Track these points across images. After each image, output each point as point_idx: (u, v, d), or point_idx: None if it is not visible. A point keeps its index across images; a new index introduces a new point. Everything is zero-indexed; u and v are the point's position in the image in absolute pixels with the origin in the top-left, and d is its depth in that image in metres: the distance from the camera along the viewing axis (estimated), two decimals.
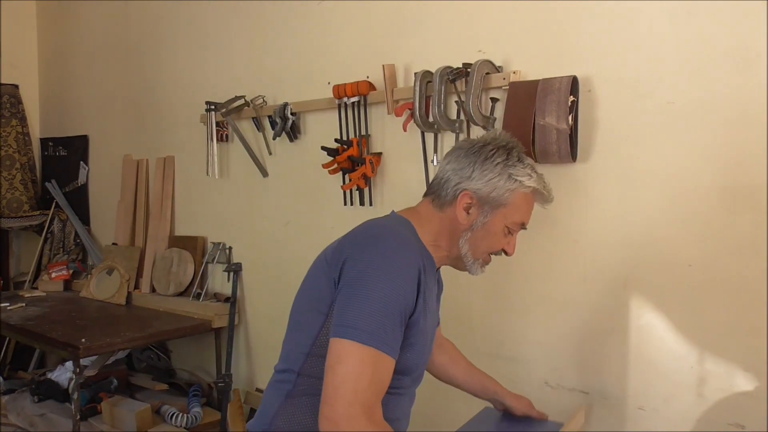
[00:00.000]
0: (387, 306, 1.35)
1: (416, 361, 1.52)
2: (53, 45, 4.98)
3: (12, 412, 3.56)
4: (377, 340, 1.32)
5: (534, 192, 1.58)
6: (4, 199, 4.72)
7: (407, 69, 2.72)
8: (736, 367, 1.98)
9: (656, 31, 2.07)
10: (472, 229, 1.57)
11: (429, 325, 1.56)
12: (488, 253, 1.62)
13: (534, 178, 1.56)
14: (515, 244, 1.64)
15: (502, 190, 1.54)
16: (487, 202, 1.55)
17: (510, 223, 1.58)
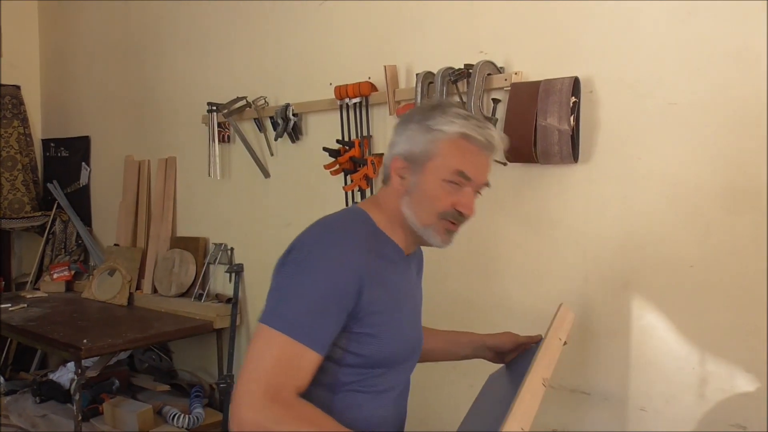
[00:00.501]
0: (315, 299, 1.34)
1: (387, 354, 1.45)
2: (55, 46, 4.99)
3: (14, 412, 3.57)
4: (294, 330, 1.31)
5: (463, 136, 1.43)
6: (6, 200, 4.73)
7: (409, 70, 2.73)
8: (737, 367, 1.98)
9: (657, 32, 2.07)
10: (409, 193, 1.47)
11: (406, 315, 1.52)
12: (436, 215, 1.46)
13: (457, 123, 1.44)
14: (471, 202, 1.47)
15: (423, 143, 1.45)
16: (413, 161, 1.46)
17: (445, 175, 1.44)
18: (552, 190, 2.33)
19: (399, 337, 1.48)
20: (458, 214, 1.46)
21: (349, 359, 1.42)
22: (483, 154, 1.47)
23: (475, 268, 2.55)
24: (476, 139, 1.44)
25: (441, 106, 1.49)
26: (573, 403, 2.32)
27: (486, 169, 1.50)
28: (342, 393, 1.44)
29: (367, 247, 1.43)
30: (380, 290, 1.41)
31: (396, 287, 1.48)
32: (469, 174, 1.45)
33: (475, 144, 1.45)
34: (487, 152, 1.48)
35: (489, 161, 1.50)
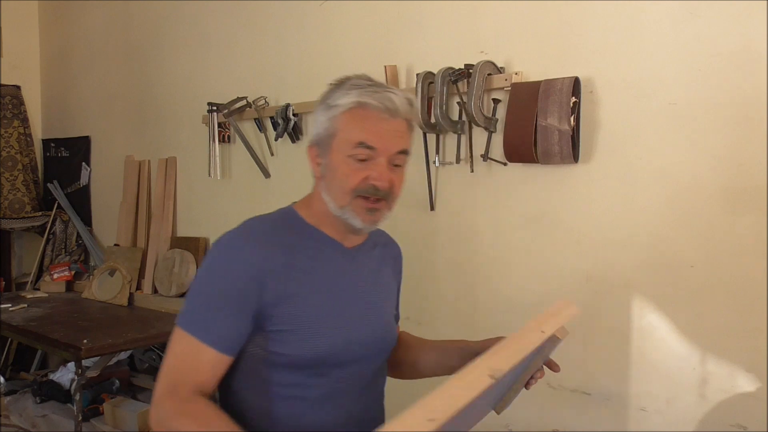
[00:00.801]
0: (210, 296, 1.35)
1: (317, 352, 1.37)
2: (55, 46, 4.99)
3: (14, 412, 3.57)
4: (190, 326, 1.33)
5: (358, 105, 1.35)
6: (6, 200, 4.73)
7: (409, 70, 2.73)
8: (737, 368, 1.98)
9: (658, 32, 2.08)
10: (323, 178, 1.42)
11: (345, 311, 1.43)
12: (349, 193, 1.36)
13: (352, 93, 1.36)
14: (383, 173, 1.35)
15: (324, 122, 1.40)
16: (320, 143, 1.41)
17: (348, 150, 1.36)
18: (552, 190, 2.33)
19: (331, 335, 1.39)
20: (373, 188, 1.36)
21: (274, 359, 1.37)
22: (386, 120, 1.36)
23: (476, 269, 2.55)
24: (373, 105, 1.35)
25: (341, 82, 1.42)
26: (574, 402, 2.32)
27: (394, 135, 1.37)
28: (280, 401, 1.39)
29: (272, 243, 1.38)
30: (294, 286, 1.36)
31: (325, 282, 1.42)
32: (372, 143, 1.35)
33: (373, 110, 1.35)
34: (390, 117, 1.36)
35: (398, 126, 1.38)
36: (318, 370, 1.39)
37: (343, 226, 1.43)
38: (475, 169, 2.51)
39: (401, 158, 1.40)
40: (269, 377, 1.39)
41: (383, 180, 1.36)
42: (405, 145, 1.39)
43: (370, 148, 1.35)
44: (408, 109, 1.39)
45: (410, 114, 1.40)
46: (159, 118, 4.08)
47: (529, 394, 2.41)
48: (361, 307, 1.47)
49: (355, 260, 1.49)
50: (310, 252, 1.42)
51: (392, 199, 1.40)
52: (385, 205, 1.39)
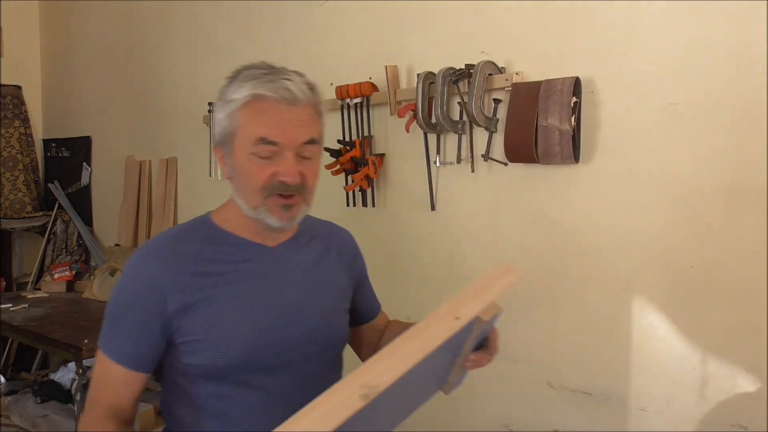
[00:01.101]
0: (115, 313, 1.34)
1: (234, 358, 1.30)
2: (56, 46, 4.99)
3: (15, 413, 3.57)
4: (102, 344, 1.34)
5: (254, 98, 1.27)
6: (7, 200, 4.73)
7: (410, 70, 2.73)
8: (738, 368, 1.98)
9: (659, 33, 2.08)
10: (232, 179, 1.34)
11: (266, 314, 1.35)
12: (259, 192, 1.29)
13: (246, 85, 1.28)
14: (290, 168, 1.28)
15: (223, 120, 1.31)
16: (224, 143, 1.33)
17: (249, 147, 1.28)
18: (553, 191, 2.33)
19: (246, 340, 1.32)
20: (283, 184, 1.28)
21: (190, 371, 1.32)
22: (286, 111, 1.27)
23: (476, 269, 2.55)
24: (269, 96, 1.26)
25: (236, 73, 1.33)
26: (574, 402, 2.32)
27: (298, 125, 1.29)
28: (208, 417, 1.33)
29: (174, 254, 1.33)
30: (202, 294, 1.31)
31: (240, 286, 1.35)
32: (274, 138, 1.26)
33: (270, 101, 1.26)
34: (290, 106, 1.27)
35: (300, 115, 1.29)
36: (240, 379, 1.32)
37: (261, 225, 1.36)
38: (475, 169, 2.51)
39: (310, 148, 1.32)
40: (192, 391, 1.34)
41: (292, 175, 1.28)
42: (311, 134, 1.31)
43: (272, 144, 1.27)
44: (309, 95, 1.31)
45: (313, 99, 1.32)
46: (160, 118, 4.08)
47: (530, 395, 2.43)
48: (285, 307, 1.38)
49: (279, 259, 1.42)
50: (223, 257, 1.36)
51: (307, 192, 1.33)
52: (301, 200, 1.32)
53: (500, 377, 2.49)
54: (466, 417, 2.57)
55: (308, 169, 1.32)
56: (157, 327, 1.30)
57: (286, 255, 1.43)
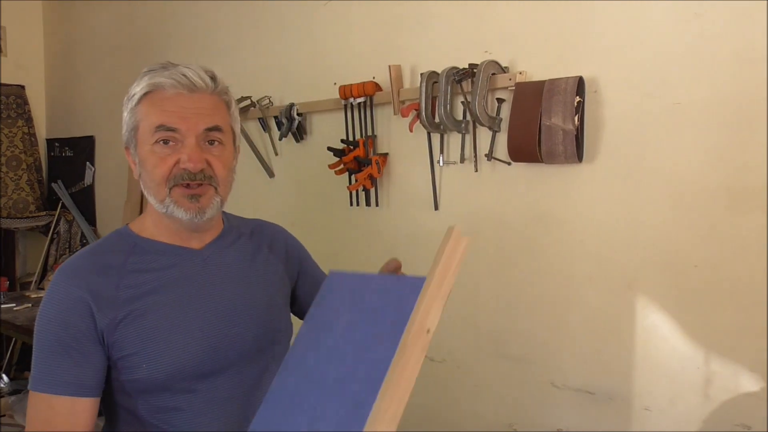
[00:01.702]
0: (47, 346, 1.24)
1: (176, 366, 1.27)
2: (59, 45, 5.00)
3: (18, 412, 3.58)
4: (37, 384, 1.23)
5: (150, 88, 1.25)
6: (11, 199, 4.74)
7: (413, 70, 2.73)
8: (741, 367, 1.97)
9: (663, 32, 2.07)
10: (141, 177, 1.30)
11: (198, 318, 1.31)
12: (163, 183, 1.25)
13: (144, 79, 1.26)
14: (193, 154, 1.24)
15: (127, 118, 1.29)
16: (129, 142, 1.30)
17: (150, 138, 1.25)
18: (556, 190, 2.33)
19: (181, 348, 1.27)
20: (186, 172, 1.24)
21: (132, 387, 1.27)
22: (185, 97, 1.25)
23: (479, 268, 2.55)
24: (166, 84, 1.24)
25: (140, 74, 1.30)
26: (577, 402, 2.32)
27: (198, 112, 1.25)
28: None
29: (93, 270, 1.28)
30: (128, 307, 1.26)
31: (167, 293, 1.30)
32: (172, 124, 1.23)
33: (168, 90, 1.24)
34: (189, 92, 1.25)
35: (201, 102, 1.27)
36: (182, 387, 1.28)
37: (177, 225, 1.32)
38: (479, 168, 2.51)
39: (216, 135, 1.28)
40: (136, 409, 1.28)
41: (194, 161, 1.24)
42: (215, 122, 1.28)
43: (171, 130, 1.23)
44: (210, 83, 1.28)
45: (215, 88, 1.29)
46: None
47: (533, 395, 2.43)
48: (220, 311, 1.34)
49: (207, 261, 1.37)
50: (148, 266, 1.31)
51: (217, 181, 1.29)
52: (210, 190, 1.28)
53: (504, 377, 2.49)
54: (470, 416, 2.57)
55: (215, 158, 1.28)
56: (93, 345, 1.24)
57: (213, 256, 1.39)
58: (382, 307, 1.06)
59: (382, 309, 1.06)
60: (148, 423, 1.28)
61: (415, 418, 2.75)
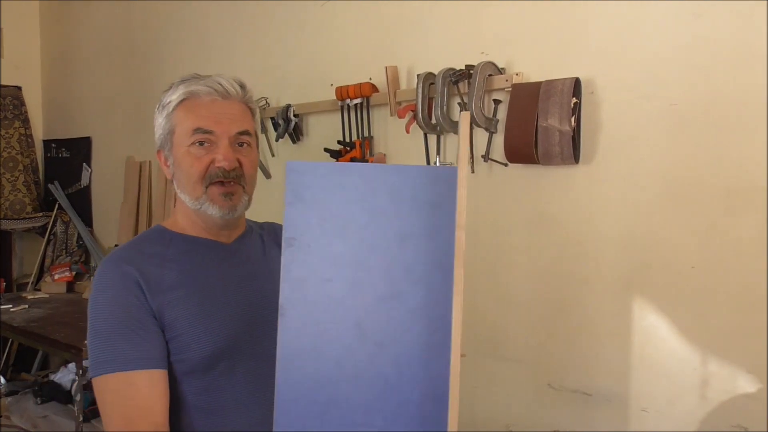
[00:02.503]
0: (108, 326, 1.29)
1: (208, 351, 1.34)
2: (56, 47, 4.99)
3: (15, 413, 3.57)
4: (112, 365, 1.27)
5: (187, 95, 1.36)
6: (7, 200, 4.73)
7: (410, 71, 2.73)
8: (739, 368, 1.98)
9: (659, 33, 2.07)
10: (175, 178, 1.41)
11: (227, 307, 1.38)
12: (199, 182, 1.35)
13: (180, 87, 1.37)
14: (227, 153, 1.34)
15: (162, 123, 1.39)
16: (164, 146, 1.41)
17: (186, 140, 1.35)
18: (553, 191, 2.33)
19: (227, 322, 1.37)
20: (221, 170, 1.34)
21: (178, 368, 1.33)
22: (218, 103, 1.36)
23: (476, 269, 2.55)
24: (202, 91, 1.35)
25: (171, 84, 1.41)
26: (575, 403, 2.32)
27: (231, 117, 1.36)
28: (200, 415, 1.35)
29: (139, 258, 1.36)
30: (173, 292, 1.34)
31: (209, 278, 1.39)
32: (208, 127, 1.34)
33: (201, 96, 1.36)
34: (222, 99, 1.36)
35: (232, 109, 1.38)
36: (224, 365, 1.36)
37: (210, 222, 1.41)
38: (475, 169, 2.51)
39: (246, 139, 1.38)
40: (181, 390, 1.35)
41: (228, 160, 1.34)
42: (245, 126, 1.38)
43: (207, 132, 1.34)
44: (240, 92, 1.39)
45: (244, 97, 1.40)
46: None
47: (530, 396, 2.43)
48: (251, 294, 1.43)
49: (236, 254, 1.48)
50: (185, 256, 1.40)
51: (246, 181, 1.39)
52: (240, 189, 1.38)
53: (501, 378, 2.49)
54: (467, 417, 2.57)
55: (245, 158, 1.38)
56: (152, 320, 1.31)
57: (240, 250, 1.49)
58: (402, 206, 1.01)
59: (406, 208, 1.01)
60: (192, 405, 1.35)
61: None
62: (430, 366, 0.98)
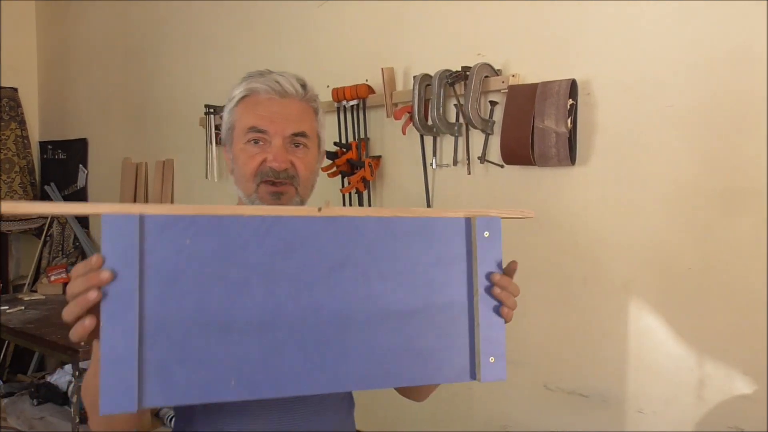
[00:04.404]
0: None
1: None
2: (53, 47, 4.99)
3: (11, 415, 3.56)
4: None
5: (247, 92, 1.36)
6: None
7: (406, 72, 2.73)
8: (735, 370, 1.98)
9: (656, 34, 2.08)
10: (233, 171, 1.42)
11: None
12: (251, 179, 1.37)
13: (243, 84, 1.37)
14: (278, 154, 1.33)
15: (226, 118, 1.40)
16: (227, 140, 1.42)
17: (243, 137, 1.36)
18: (549, 193, 2.33)
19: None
20: (271, 170, 1.34)
21: None
22: (276, 101, 1.35)
23: None
24: (260, 89, 1.35)
25: (240, 79, 1.41)
26: (571, 404, 2.32)
27: (287, 117, 1.35)
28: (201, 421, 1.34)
29: None
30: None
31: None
32: (262, 126, 1.34)
33: (260, 94, 1.35)
34: (280, 98, 1.35)
35: (290, 108, 1.36)
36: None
37: None
38: (472, 171, 2.51)
39: (301, 140, 1.37)
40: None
41: (279, 161, 1.33)
42: (301, 128, 1.36)
43: (261, 132, 1.34)
44: (301, 91, 1.37)
45: (305, 96, 1.38)
46: (156, 120, 4.07)
47: (527, 397, 2.43)
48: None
49: None
50: None
51: (299, 182, 1.37)
52: (291, 189, 1.37)
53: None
54: (463, 418, 2.57)
55: (299, 159, 1.36)
56: None
57: None
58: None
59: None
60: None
61: (409, 420, 2.75)
62: None
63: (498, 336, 1.09)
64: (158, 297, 0.92)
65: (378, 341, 1.02)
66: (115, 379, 0.88)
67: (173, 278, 0.93)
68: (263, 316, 0.97)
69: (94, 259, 0.89)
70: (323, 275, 1.01)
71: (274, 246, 0.99)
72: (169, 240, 0.93)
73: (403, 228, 1.05)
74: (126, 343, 0.88)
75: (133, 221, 0.90)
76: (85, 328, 0.91)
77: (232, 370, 0.94)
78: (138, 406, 0.89)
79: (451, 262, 1.07)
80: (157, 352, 0.91)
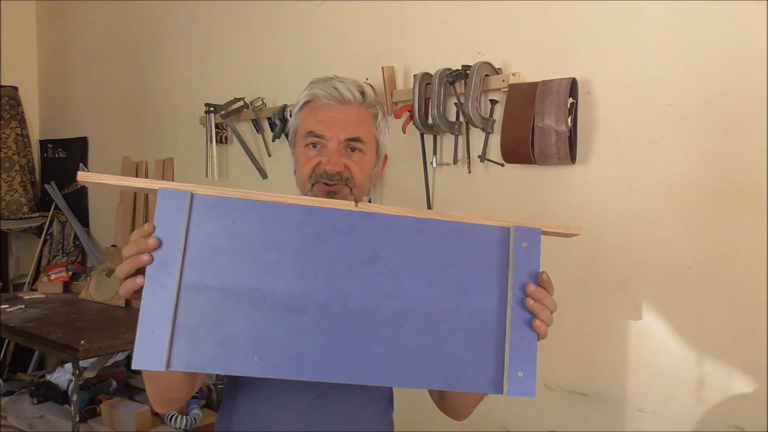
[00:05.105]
0: None
1: None
2: (53, 46, 4.99)
3: (11, 413, 3.56)
4: None
5: (309, 98, 1.42)
6: (4, 200, 4.72)
7: (406, 71, 2.73)
8: (735, 369, 1.98)
9: (656, 33, 2.08)
10: (295, 172, 1.47)
11: None
12: (307, 180, 1.40)
13: (307, 89, 1.44)
14: (332, 157, 1.37)
15: (293, 122, 1.47)
16: (292, 142, 1.47)
17: (303, 141, 1.41)
18: (549, 191, 2.33)
19: None
20: (324, 173, 1.38)
21: None
22: (334, 108, 1.40)
23: None
24: (320, 95, 1.40)
25: (308, 83, 1.46)
26: (571, 404, 2.32)
27: (343, 122, 1.39)
28: (241, 399, 1.39)
29: None
30: None
31: None
32: (319, 131, 1.39)
33: (321, 100, 1.40)
34: (338, 104, 1.40)
35: (347, 114, 1.40)
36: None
37: None
38: (472, 170, 2.51)
39: (358, 145, 1.40)
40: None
41: (332, 164, 1.37)
42: (357, 133, 1.40)
43: (318, 136, 1.39)
44: (359, 97, 1.41)
45: (364, 102, 1.41)
46: (156, 119, 4.07)
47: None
48: None
49: None
50: None
51: (354, 184, 1.40)
52: (345, 189, 1.39)
53: None
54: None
55: (354, 163, 1.40)
56: None
57: None
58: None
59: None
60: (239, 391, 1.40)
61: (408, 420, 2.74)
62: None
63: (529, 350, 1.08)
64: (197, 268, 0.99)
65: (402, 339, 1.04)
66: (150, 338, 0.95)
67: (213, 253, 1.00)
68: (292, 298, 1.02)
69: (146, 227, 1.00)
70: (354, 267, 1.05)
71: (310, 234, 1.05)
72: (214, 218, 1.01)
73: (438, 230, 1.08)
74: (163, 307, 0.96)
75: (184, 198, 0.99)
76: (135, 284, 1.00)
77: (258, 346, 1.00)
78: (166, 367, 0.96)
79: (485, 269, 1.08)
80: (190, 319, 0.98)
